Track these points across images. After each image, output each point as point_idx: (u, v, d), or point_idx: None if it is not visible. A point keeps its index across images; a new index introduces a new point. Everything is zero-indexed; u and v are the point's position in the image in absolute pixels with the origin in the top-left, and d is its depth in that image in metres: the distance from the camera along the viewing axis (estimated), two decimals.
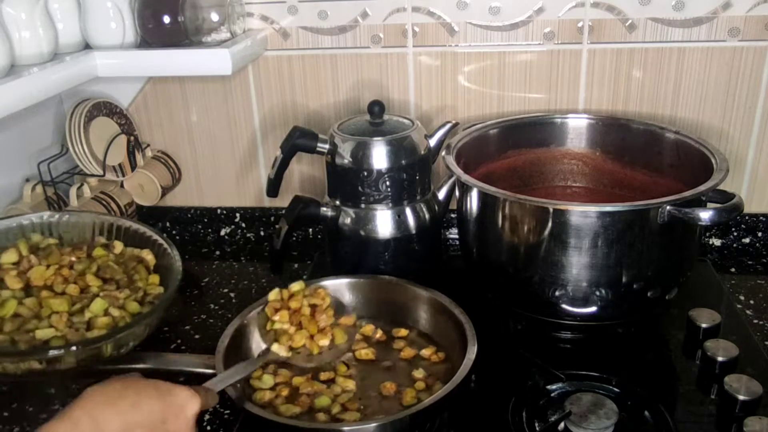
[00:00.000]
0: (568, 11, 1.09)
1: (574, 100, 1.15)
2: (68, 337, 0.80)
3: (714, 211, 0.82)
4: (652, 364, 0.91)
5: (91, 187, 1.18)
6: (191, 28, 1.06)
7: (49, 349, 0.77)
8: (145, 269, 0.93)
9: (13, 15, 0.94)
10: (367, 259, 1.03)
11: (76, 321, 0.82)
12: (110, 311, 0.84)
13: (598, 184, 1.13)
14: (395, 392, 0.83)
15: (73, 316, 0.83)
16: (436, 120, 1.16)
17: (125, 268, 0.92)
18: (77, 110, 1.14)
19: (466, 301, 0.91)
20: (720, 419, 0.81)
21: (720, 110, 1.12)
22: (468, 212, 0.97)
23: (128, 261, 0.94)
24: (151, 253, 0.96)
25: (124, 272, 0.91)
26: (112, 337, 0.79)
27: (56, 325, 0.81)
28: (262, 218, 1.30)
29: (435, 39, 1.13)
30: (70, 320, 0.82)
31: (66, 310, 0.83)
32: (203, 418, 0.84)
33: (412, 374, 0.86)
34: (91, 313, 0.83)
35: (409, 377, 0.86)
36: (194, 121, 1.25)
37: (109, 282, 0.89)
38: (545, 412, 0.81)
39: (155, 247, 0.96)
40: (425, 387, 0.83)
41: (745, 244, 1.19)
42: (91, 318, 0.83)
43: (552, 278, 0.88)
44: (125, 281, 0.90)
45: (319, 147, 1.01)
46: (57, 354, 0.76)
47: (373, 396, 0.83)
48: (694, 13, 1.07)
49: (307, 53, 1.17)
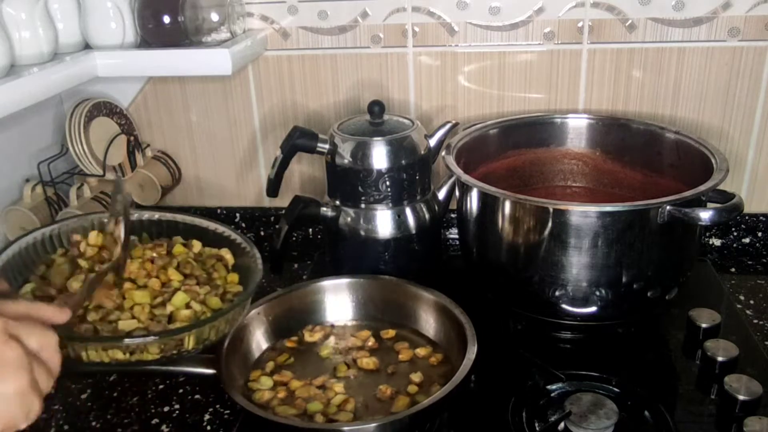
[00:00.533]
0: (568, 11, 1.09)
1: (574, 100, 1.15)
2: (150, 328, 0.80)
3: (714, 211, 0.82)
4: (652, 364, 0.91)
5: (91, 187, 1.18)
6: (191, 28, 1.06)
7: (132, 337, 0.77)
8: (224, 267, 0.92)
9: (13, 15, 0.94)
10: (367, 259, 1.03)
11: (158, 314, 0.82)
12: (192, 305, 0.84)
13: (598, 184, 1.13)
14: (390, 396, 0.83)
15: (155, 308, 0.83)
16: (436, 120, 1.16)
17: (204, 266, 0.91)
18: (77, 110, 1.14)
19: (466, 301, 0.91)
20: (720, 419, 0.81)
21: (720, 110, 1.12)
22: (468, 212, 0.97)
23: (207, 259, 0.93)
24: (230, 252, 0.95)
25: (203, 270, 0.90)
26: (194, 329, 0.78)
27: (138, 316, 0.80)
28: (262, 218, 1.30)
29: (435, 39, 1.13)
30: (152, 312, 0.82)
31: (148, 302, 0.82)
32: (203, 419, 0.84)
33: (410, 377, 0.86)
34: (173, 306, 0.82)
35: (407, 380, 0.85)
36: (194, 121, 1.25)
37: (189, 278, 0.88)
38: (545, 412, 0.81)
39: (234, 246, 0.95)
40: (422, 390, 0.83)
41: (745, 244, 1.19)
42: (172, 311, 0.82)
43: (552, 278, 0.88)
44: (204, 278, 0.89)
45: (319, 147, 1.01)
46: (139, 342, 0.76)
47: (369, 399, 0.83)
48: (694, 13, 1.07)
49: (307, 53, 1.17)
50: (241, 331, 0.90)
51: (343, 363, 0.88)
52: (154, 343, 0.76)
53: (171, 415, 0.85)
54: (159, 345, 0.77)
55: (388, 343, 0.93)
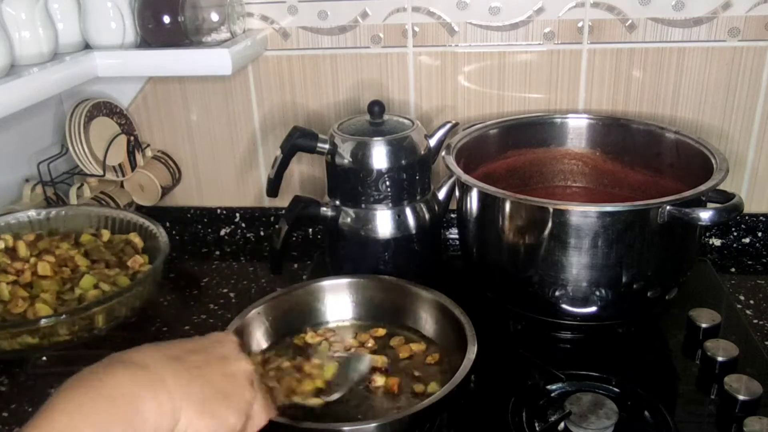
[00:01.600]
0: (568, 11, 1.09)
1: (574, 100, 1.15)
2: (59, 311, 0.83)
3: (714, 211, 0.82)
4: (652, 364, 0.91)
5: (91, 187, 1.18)
6: (191, 28, 1.06)
7: (40, 320, 0.79)
8: (133, 250, 0.98)
9: (13, 15, 0.94)
10: (367, 259, 1.03)
11: (67, 298, 0.86)
12: (100, 286, 0.88)
13: (598, 184, 1.13)
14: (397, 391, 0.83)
15: (64, 294, 0.87)
16: (436, 120, 1.16)
17: (114, 251, 0.97)
18: (77, 110, 1.14)
19: (466, 301, 0.90)
20: (720, 419, 0.81)
21: (720, 110, 1.12)
22: (468, 212, 0.97)
23: (116, 245, 0.99)
24: (138, 236, 1.01)
25: (113, 254, 0.96)
26: (101, 305, 0.81)
27: (48, 301, 0.84)
28: (262, 218, 1.30)
29: (435, 39, 1.13)
30: (61, 298, 0.86)
31: (56, 289, 0.86)
32: None
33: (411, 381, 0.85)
34: (81, 289, 0.87)
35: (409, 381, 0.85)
36: (194, 121, 1.25)
37: (98, 263, 0.94)
38: (545, 412, 0.81)
39: (142, 230, 1.02)
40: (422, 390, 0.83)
41: (745, 244, 1.19)
42: (81, 293, 0.86)
43: (552, 278, 0.88)
44: (114, 261, 0.95)
45: (319, 147, 1.01)
46: (48, 323, 0.78)
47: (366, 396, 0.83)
48: (694, 13, 1.07)
49: (307, 53, 1.17)
50: (241, 331, 0.90)
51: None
52: (63, 323, 0.78)
53: None
54: (68, 325, 0.78)
55: (386, 342, 0.93)
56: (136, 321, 0.92)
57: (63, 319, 0.78)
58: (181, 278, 1.18)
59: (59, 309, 0.84)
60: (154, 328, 1.03)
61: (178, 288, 1.15)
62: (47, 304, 0.84)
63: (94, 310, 0.81)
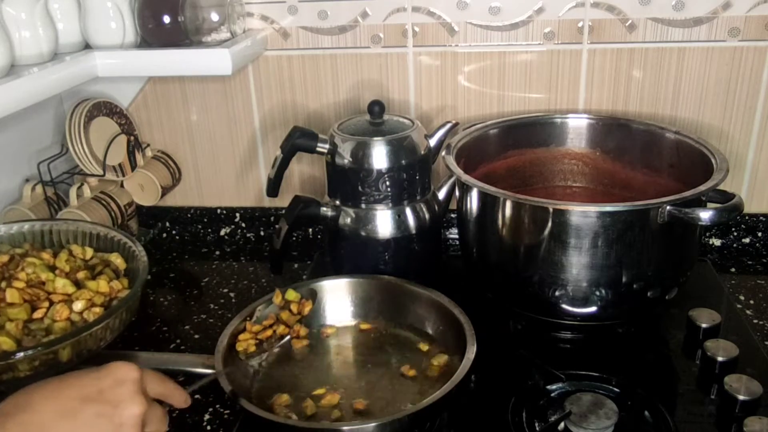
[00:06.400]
0: (568, 11, 1.09)
1: (574, 100, 1.15)
2: (24, 344, 0.77)
3: (714, 211, 0.82)
4: (652, 364, 0.91)
5: (91, 187, 1.18)
6: (191, 28, 1.06)
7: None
8: (113, 272, 0.91)
9: (13, 15, 0.94)
10: (367, 259, 1.03)
11: (34, 328, 0.80)
12: (71, 317, 0.82)
13: (598, 184, 1.13)
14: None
15: (31, 323, 0.81)
16: (436, 120, 1.16)
17: (92, 272, 0.90)
18: (77, 110, 1.14)
19: (466, 301, 0.91)
20: (720, 419, 0.81)
21: (720, 110, 1.12)
22: (468, 212, 0.97)
23: (96, 266, 0.91)
24: (120, 257, 0.93)
25: (89, 277, 0.88)
26: (65, 341, 0.75)
27: (12, 333, 0.78)
28: (262, 218, 1.30)
29: (435, 39, 1.13)
30: (27, 327, 0.80)
31: (24, 318, 0.80)
32: (203, 419, 0.84)
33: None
34: (50, 319, 0.81)
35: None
36: (194, 121, 1.25)
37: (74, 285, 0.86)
38: (545, 412, 0.81)
39: (124, 250, 0.93)
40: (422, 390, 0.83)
41: (745, 244, 1.19)
42: (48, 324, 0.80)
43: (552, 278, 0.88)
44: (92, 285, 0.87)
45: (319, 147, 1.01)
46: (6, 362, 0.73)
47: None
48: (694, 13, 1.07)
49: (307, 53, 1.17)
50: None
51: None
52: (23, 360, 0.73)
53: (171, 415, 0.84)
54: (30, 361, 0.73)
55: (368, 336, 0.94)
56: (136, 321, 0.92)
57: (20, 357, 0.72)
58: (181, 278, 1.18)
59: (24, 341, 0.77)
60: (154, 328, 1.03)
61: (178, 288, 1.15)
62: (10, 337, 0.77)
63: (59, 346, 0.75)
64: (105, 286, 0.87)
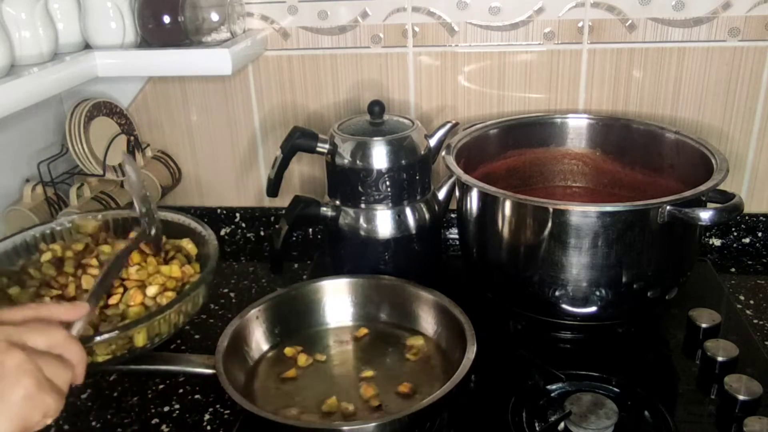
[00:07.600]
0: (568, 11, 1.09)
1: (574, 100, 1.15)
2: (100, 329, 0.79)
3: (714, 211, 0.82)
4: (652, 364, 0.91)
5: (91, 187, 1.18)
6: (191, 28, 1.06)
7: None
8: (185, 258, 0.93)
9: (13, 15, 0.94)
10: (367, 259, 1.03)
11: (110, 313, 0.82)
12: (145, 302, 0.84)
13: (598, 184, 1.13)
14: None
15: (107, 309, 0.83)
16: (436, 120, 1.16)
17: (164, 258, 0.92)
18: (77, 110, 1.14)
19: (466, 301, 0.91)
20: (720, 419, 0.81)
21: (720, 110, 1.12)
22: (468, 212, 0.97)
23: (169, 251, 0.93)
24: (192, 242, 0.95)
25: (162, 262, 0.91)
26: (139, 325, 0.77)
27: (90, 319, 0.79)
28: (262, 218, 1.30)
29: (435, 39, 1.13)
30: (103, 313, 0.82)
31: (99, 304, 0.82)
32: (203, 419, 0.84)
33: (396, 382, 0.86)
34: (124, 305, 0.82)
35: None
36: (194, 121, 1.25)
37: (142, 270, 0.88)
38: (545, 412, 0.81)
39: (195, 235, 0.96)
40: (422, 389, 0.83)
41: (745, 244, 1.19)
42: (124, 309, 0.82)
43: (552, 278, 0.88)
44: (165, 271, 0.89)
45: (319, 147, 1.01)
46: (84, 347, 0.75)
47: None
48: (694, 13, 1.07)
49: (307, 53, 1.17)
50: (241, 331, 0.90)
51: None
52: (100, 344, 0.74)
53: (171, 415, 0.85)
54: (106, 345, 0.75)
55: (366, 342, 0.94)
56: None
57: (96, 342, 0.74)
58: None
59: (101, 326, 0.79)
60: None
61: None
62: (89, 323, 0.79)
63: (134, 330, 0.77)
64: (177, 271, 0.89)
